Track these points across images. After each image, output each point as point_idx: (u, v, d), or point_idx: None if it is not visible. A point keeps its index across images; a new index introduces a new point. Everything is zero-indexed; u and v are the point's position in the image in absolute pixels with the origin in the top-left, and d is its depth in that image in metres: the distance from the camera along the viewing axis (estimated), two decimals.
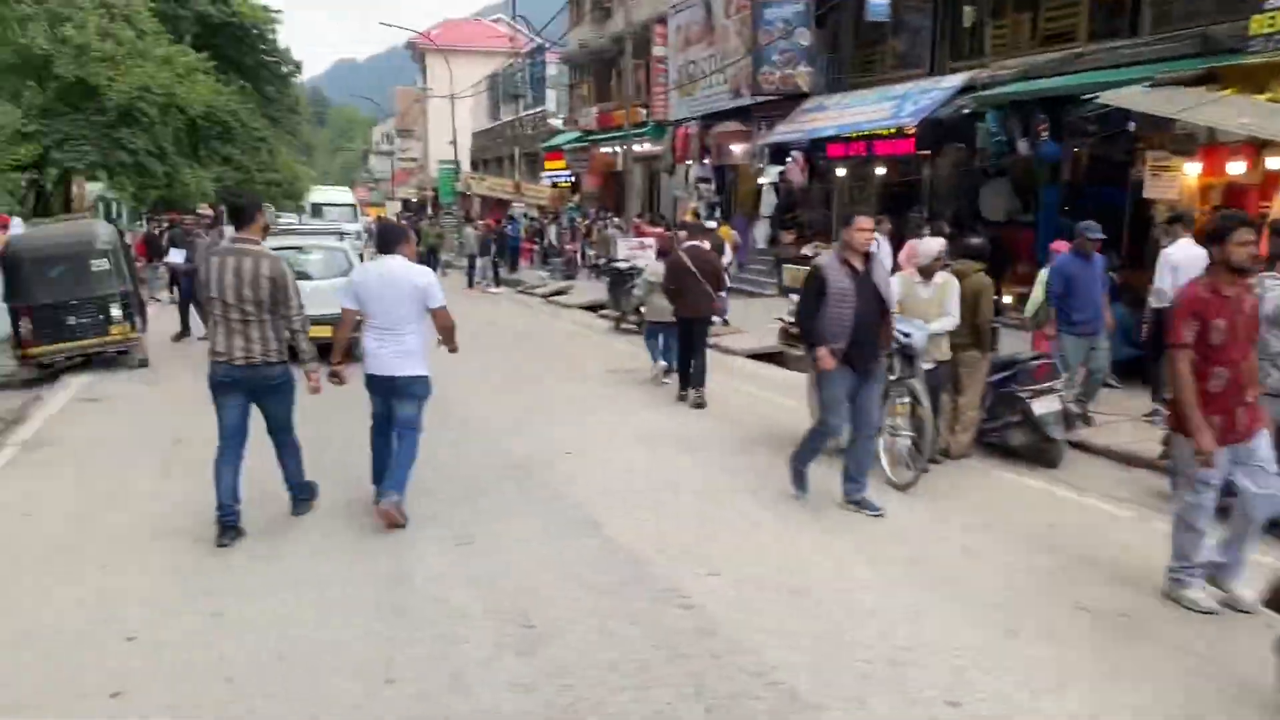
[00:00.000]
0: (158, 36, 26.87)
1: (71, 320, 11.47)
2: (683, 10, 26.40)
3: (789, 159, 21.42)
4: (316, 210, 30.70)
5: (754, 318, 16.43)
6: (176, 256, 14.77)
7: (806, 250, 20.44)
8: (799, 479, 6.70)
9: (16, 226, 17.99)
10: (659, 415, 9.50)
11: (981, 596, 5.00)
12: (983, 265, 7.82)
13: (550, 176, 38.04)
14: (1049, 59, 14.21)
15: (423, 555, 5.60)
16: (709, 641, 4.43)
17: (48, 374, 11.80)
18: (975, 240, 8.35)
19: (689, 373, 10.11)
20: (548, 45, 36.57)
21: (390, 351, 6.04)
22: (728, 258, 16.89)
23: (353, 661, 4.27)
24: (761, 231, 23.80)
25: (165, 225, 24.82)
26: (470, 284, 25.73)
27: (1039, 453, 7.71)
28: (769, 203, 23.22)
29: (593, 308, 21.21)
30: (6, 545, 5.78)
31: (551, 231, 27.46)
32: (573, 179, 37.40)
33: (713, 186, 25.96)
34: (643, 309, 12.92)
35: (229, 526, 5.81)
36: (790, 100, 21.11)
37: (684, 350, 10.21)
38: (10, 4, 23.67)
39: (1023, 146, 13.62)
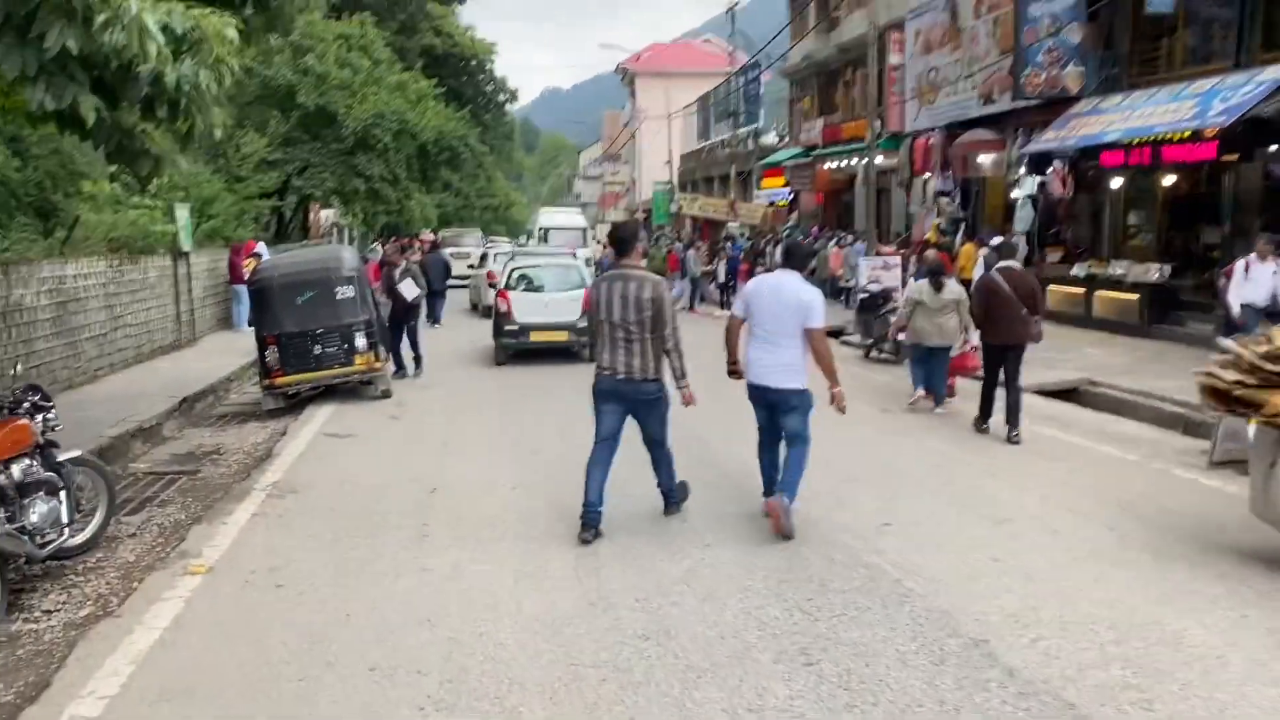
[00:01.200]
0: (391, 65, 27.43)
1: (317, 349, 11.05)
2: (922, 14, 24.57)
3: (1050, 169, 19.27)
4: (544, 235, 29.26)
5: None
6: (411, 288, 13.48)
7: (1077, 270, 18.22)
8: None
9: (263, 252, 18.33)
10: (974, 466, 7.98)
11: None
12: None
13: (769, 195, 36.71)
14: None
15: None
16: None
17: (291, 404, 11.42)
18: None
19: (989, 405, 9.42)
20: (769, 61, 35.28)
21: (771, 363, 6.29)
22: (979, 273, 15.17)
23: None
24: (1020, 250, 21.53)
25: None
26: (691, 306, 24.65)
27: None
28: (1024, 218, 20.98)
29: (830, 333, 19.69)
30: (257, 636, 4.88)
31: (775, 252, 26.09)
32: (791, 196, 35.96)
33: (955, 201, 23.91)
34: (901, 335, 11.46)
35: (592, 525, 6.16)
36: (1056, 105, 18.96)
37: (989, 380, 9.40)
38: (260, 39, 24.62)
39: None
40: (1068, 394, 12.15)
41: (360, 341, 11.17)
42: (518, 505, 6.94)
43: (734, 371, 6.64)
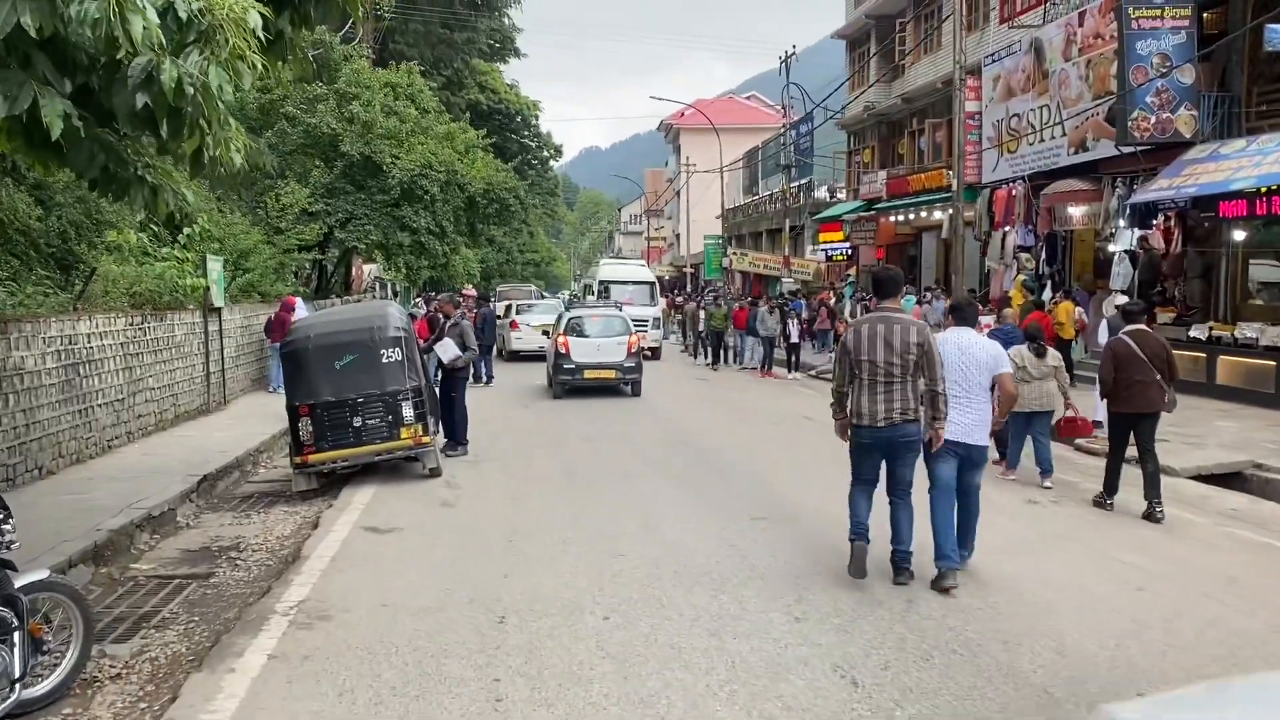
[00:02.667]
0: (439, 115, 26.36)
1: (357, 421, 9.54)
2: (1002, 59, 23.11)
3: (1155, 220, 17.58)
4: (604, 289, 26.88)
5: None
6: (451, 350, 11.68)
7: (1196, 332, 16.38)
8: None
9: (301, 309, 16.97)
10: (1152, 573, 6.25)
11: None
12: None
13: (827, 249, 35.16)
14: None
15: None
16: None
17: (326, 483, 9.88)
18: None
19: (1114, 479, 8.66)
20: (827, 113, 33.93)
21: (967, 421, 6.42)
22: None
23: None
24: (1113, 308, 19.72)
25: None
26: (765, 368, 22.93)
27: None
28: (1122, 274, 19.20)
29: None
30: None
31: (846, 308, 24.42)
32: (849, 251, 34.39)
33: (1042, 255, 22.19)
34: None
35: (860, 535, 6.30)
36: (1160, 151, 17.31)
37: (1117, 453, 8.68)
38: (304, 87, 23.62)
39: None
40: (1223, 479, 10.34)
41: (407, 412, 9.64)
42: (615, 644, 5.28)
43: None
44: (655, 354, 25.59)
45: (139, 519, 8.22)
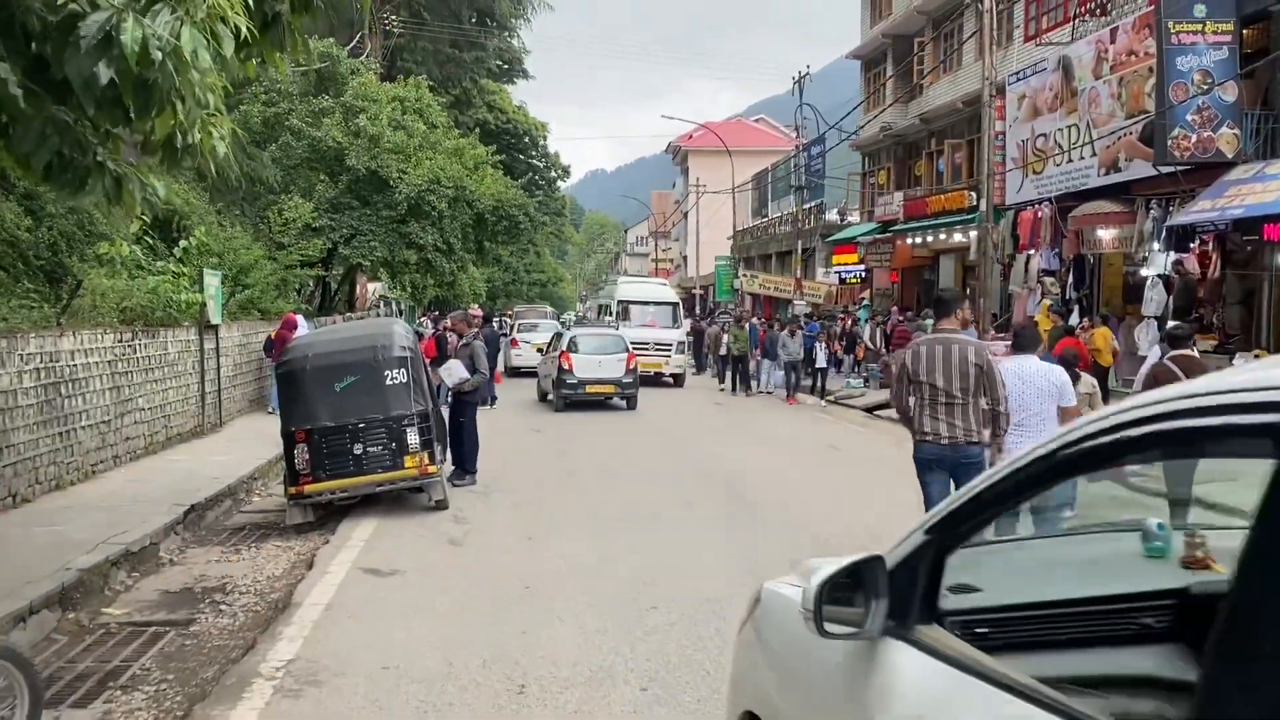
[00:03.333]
0: (447, 130, 25.74)
1: (358, 449, 8.78)
2: (1027, 77, 22.45)
3: (1192, 244, 16.85)
4: (623, 310, 25.34)
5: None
6: (457, 373, 10.79)
7: (1241, 360, 15.60)
8: None
9: (303, 327, 16.24)
10: None
11: None
12: None
13: (840, 271, 34.44)
14: None
15: None
16: None
17: (323, 515, 9.11)
18: None
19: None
20: (841, 135, 33.33)
21: (1027, 445, 5.27)
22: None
23: None
24: (1147, 335, 18.95)
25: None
26: (791, 394, 22.16)
27: None
28: (1155, 300, 18.43)
29: None
30: None
31: (866, 332, 23.62)
32: (863, 274, 33.70)
33: (1067, 279, 21.45)
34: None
35: None
36: (1198, 172, 16.60)
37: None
38: (309, 100, 23.02)
39: None
40: None
41: (412, 439, 8.88)
42: None
43: None
44: (678, 381, 24.41)
45: (116, 555, 7.44)
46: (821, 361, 21.93)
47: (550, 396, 19.35)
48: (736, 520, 9.10)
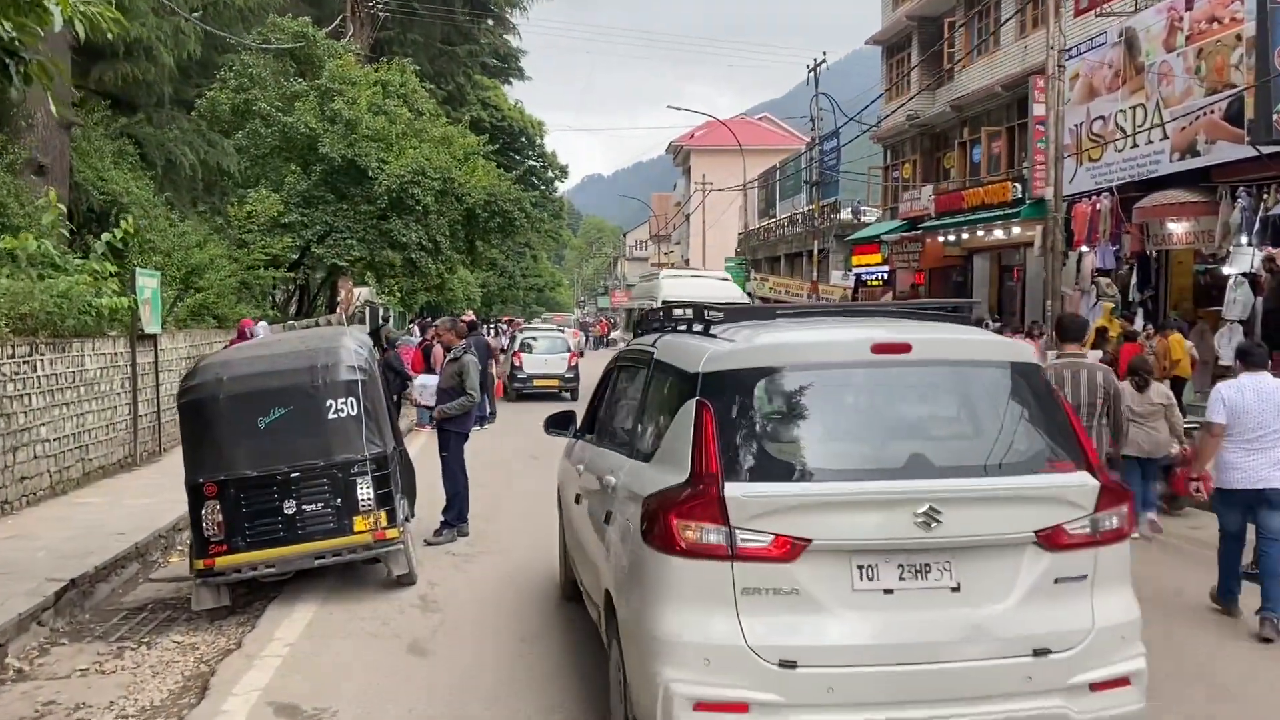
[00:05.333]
0: (435, 117, 23.34)
1: (290, 507, 6.38)
2: (1082, 53, 20.09)
3: None
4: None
5: None
6: (426, 387, 9.28)
7: None
8: None
9: (263, 335, 13.85)
10: None
11: None
12: None
13: (861, 272, 32.06)
14: None
15: None
16: None
17: (247, 593, 6.73)
18: None
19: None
20: (860, 127, 30.93)
21: (1261, 462, 6.16)
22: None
23: None
24: (1230, 342, 16.55)
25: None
26: None
27: None
28: (1240, 302, 16.05)
29: None
30: None
31: None
32: (885, 275, 31.35)
33: (1131, 279, 19.11)
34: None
35: None
36: None
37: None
38: (280, 81, 20.68)
39: None
40: None
41: (363, 492, 6.48)
42: None
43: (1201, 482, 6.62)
44: None
45: None
46: None
47: None
48: None
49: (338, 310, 31.25)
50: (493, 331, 39.44)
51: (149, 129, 16.78)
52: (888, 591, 3.58)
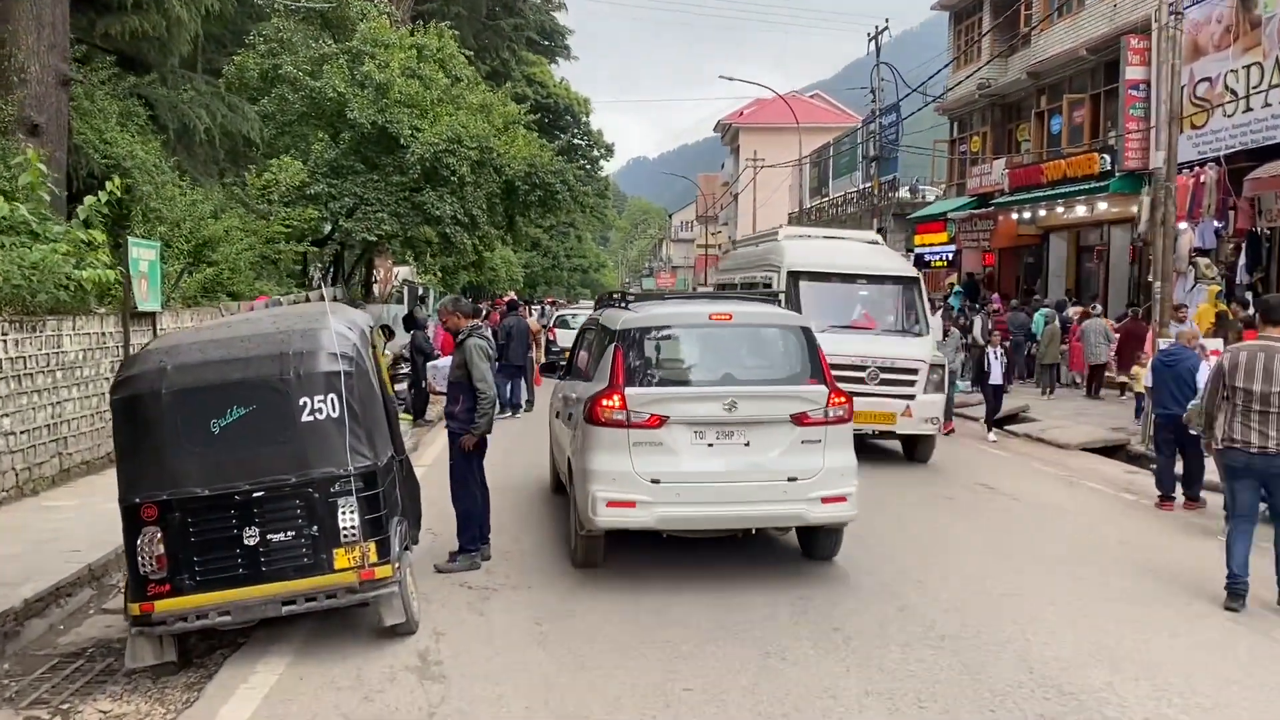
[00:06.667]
0: (474, 84, 21.84)
1: (251, 536, 4.93)
2: (1187, 7, 18.03)
3: None
4: (791, 287, 11.66)
5: None
6: (439, 369, 7.88)
7: None
8: None
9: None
10: None
11: None
12: None
13: (925, 252, 30.12)
14: None
15: None
16: None
17: (199, 644, 5.30)
18: None
19: None
20: (925, 98, 28.87)
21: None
22: None
23: None
24: None
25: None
26: (947, 418, 13.45)
27: None
28: None
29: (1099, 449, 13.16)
30: None
31: (976, 325, 19.18)
32: (951, 256, 29.41)
33: (1239, 260, 17.15)
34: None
35: (1239, 594, 6.07)
36: None
37: None
38: (310, 45, 19.32)
39: None
40: None
41: (347, 519, 5.01)
42: None
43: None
44: (919, 451, 11.81)
45: None
46: (997, 375, 14.08)
47: None
48: (945, 687, 5.14)
49: (375, 290, 30.06)
50: (538, 312, 38.00)
51: (161, 90, 15.45)
52: (710, 445, 6.43)
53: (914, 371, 11.20)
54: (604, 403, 6.30)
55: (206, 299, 13.84)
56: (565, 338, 21.53)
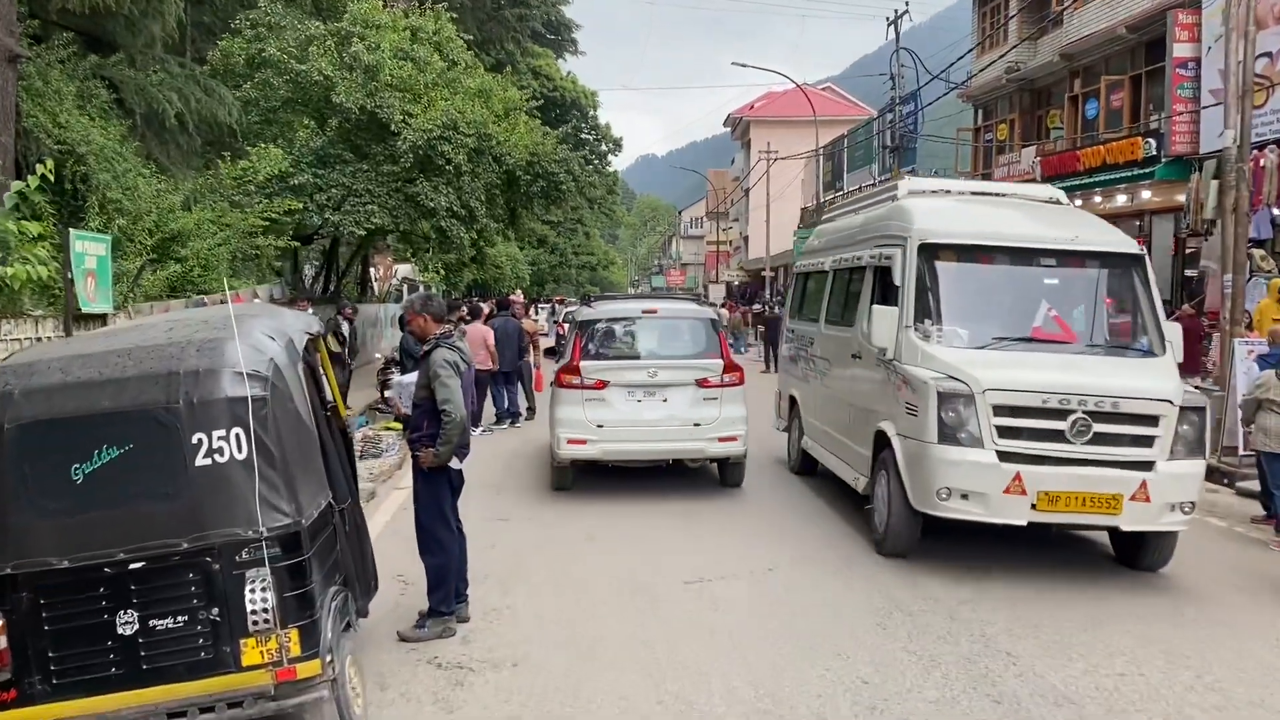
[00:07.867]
0: (472, 68, 20.53)
1: (126, 622, 3.62)
2: None
3: None
4: (926, 271, 7.51)
5: None
6: (404, 386, 6.22)
7: None
8: None
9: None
10: None
11: None
12: None
13: None
14: None
15: None
16: None
17: None
18: None
19: None
20: (947, 85, 27.45)
21: None
22: None
23: None
24: None
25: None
26: None
27: None
28: None
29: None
30: None
31: None
32: None
33: None
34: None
35: None
36: None
37: None
38: (296, 26, 18.03)
39: None
40: None
41: (257, 596, 3.69)
42: None
43: None
44: (1157, 554, 7.26)
45: None
46: None
47: None
48: None
49: (372, 289, 28.77)
50: (547, 311, 36.51)
51: (127, 72, 14.15)
52: (639, 400, 9.39)
53: (1153, 420, 6.73)
54: (567, 373, 9.34)
55: (175, 299, 12.57)
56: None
